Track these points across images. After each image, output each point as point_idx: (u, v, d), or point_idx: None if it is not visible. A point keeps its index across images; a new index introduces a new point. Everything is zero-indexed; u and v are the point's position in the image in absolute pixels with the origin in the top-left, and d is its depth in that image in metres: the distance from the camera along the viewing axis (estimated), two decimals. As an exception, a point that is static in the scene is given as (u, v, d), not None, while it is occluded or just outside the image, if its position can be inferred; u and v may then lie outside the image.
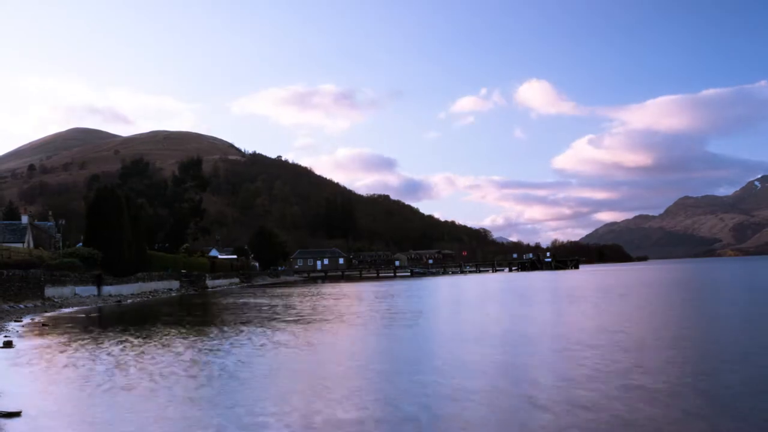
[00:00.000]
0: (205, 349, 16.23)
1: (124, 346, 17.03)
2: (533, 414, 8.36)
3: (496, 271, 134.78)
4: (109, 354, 15.53)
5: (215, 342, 17.73)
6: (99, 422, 8.46)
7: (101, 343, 18.19)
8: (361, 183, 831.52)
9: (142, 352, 15.65)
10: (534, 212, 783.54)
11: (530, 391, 9.74)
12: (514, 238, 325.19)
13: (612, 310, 26.56)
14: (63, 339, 19.35)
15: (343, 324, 23.10)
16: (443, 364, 12.77)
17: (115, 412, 8.99)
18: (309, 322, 23.53)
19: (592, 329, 18.73)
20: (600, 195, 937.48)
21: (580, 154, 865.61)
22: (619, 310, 26.50)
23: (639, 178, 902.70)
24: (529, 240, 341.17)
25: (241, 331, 20.49)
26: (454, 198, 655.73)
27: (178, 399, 9.82)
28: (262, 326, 22.20)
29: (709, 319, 21.34)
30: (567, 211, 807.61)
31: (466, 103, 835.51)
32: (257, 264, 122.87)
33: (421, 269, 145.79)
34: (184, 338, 19.05)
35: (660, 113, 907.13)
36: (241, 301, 42.48)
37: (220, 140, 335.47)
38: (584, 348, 14.41)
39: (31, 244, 57.27)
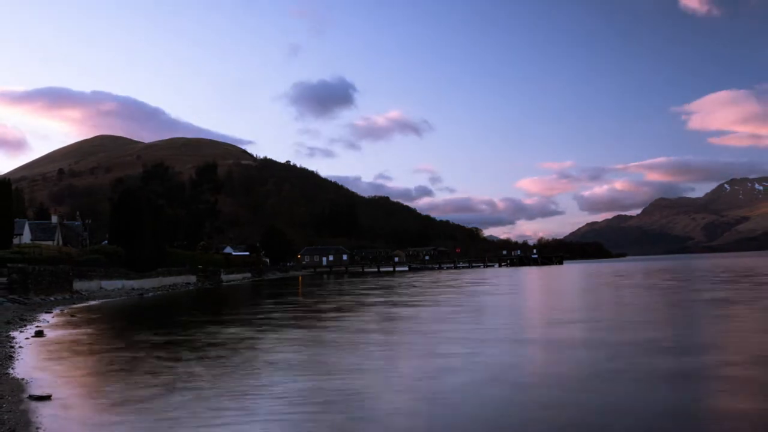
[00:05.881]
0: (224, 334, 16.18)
1: (148, 335, 17.02)
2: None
3: (487, 266, 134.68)
4: (134, 341, 15.50)
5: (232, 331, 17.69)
6: (125, 407, 8.43)
7: (126, 331, 18.18)
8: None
9: (167, 341, 15.63)
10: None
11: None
12: (503, 236, 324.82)
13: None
14: (90, 329, 19.32)
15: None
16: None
17: (141, 398, 8.95)
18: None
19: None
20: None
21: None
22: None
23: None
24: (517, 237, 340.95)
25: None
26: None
27: (197, 386, 9.81)
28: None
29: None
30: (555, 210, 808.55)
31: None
32: (268, 260, 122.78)
33: (418, 265, 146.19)
34: (205, 324, 19.01)
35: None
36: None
37: (234, 146, 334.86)
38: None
39: (60, 242, 57.26)
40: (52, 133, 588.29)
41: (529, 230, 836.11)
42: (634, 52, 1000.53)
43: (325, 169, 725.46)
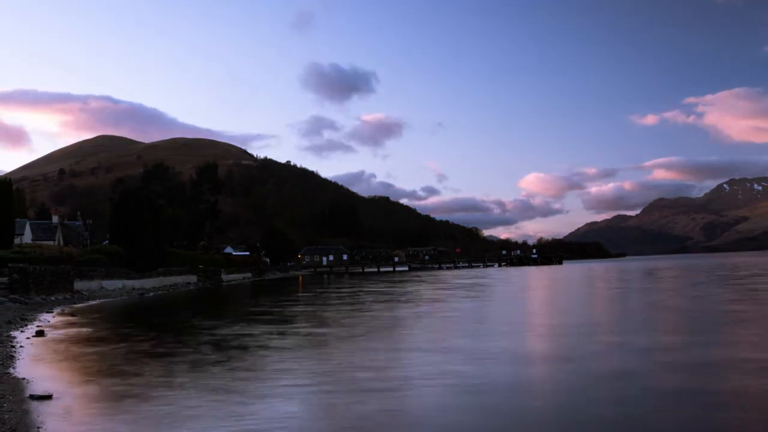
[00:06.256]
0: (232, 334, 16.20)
1: (148, 334, 17.02)
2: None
3: (487, 266, 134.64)
4: (134, 341, 15.51)
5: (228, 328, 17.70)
6: (126, 406, 8.45)
7: (127, 331, 18.17)
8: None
9: (168, 340, 15.63)
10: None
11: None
12: (509, 235, 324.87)
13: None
14: (91, 329, 19.31)
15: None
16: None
17: (141, 398, 8.97)
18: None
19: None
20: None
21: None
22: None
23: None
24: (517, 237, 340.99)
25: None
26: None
27: (199, 385, 9.82)
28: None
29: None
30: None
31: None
32: (268, 260, 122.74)
33: (418, 264, 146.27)
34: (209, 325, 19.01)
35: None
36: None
37: (235, 147, 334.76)
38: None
39: (61, 242, 57.26)
40: (53, 134, 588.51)
41: (533, 230, 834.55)
42: (637, 50, 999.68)
43: (333, 167, 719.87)
